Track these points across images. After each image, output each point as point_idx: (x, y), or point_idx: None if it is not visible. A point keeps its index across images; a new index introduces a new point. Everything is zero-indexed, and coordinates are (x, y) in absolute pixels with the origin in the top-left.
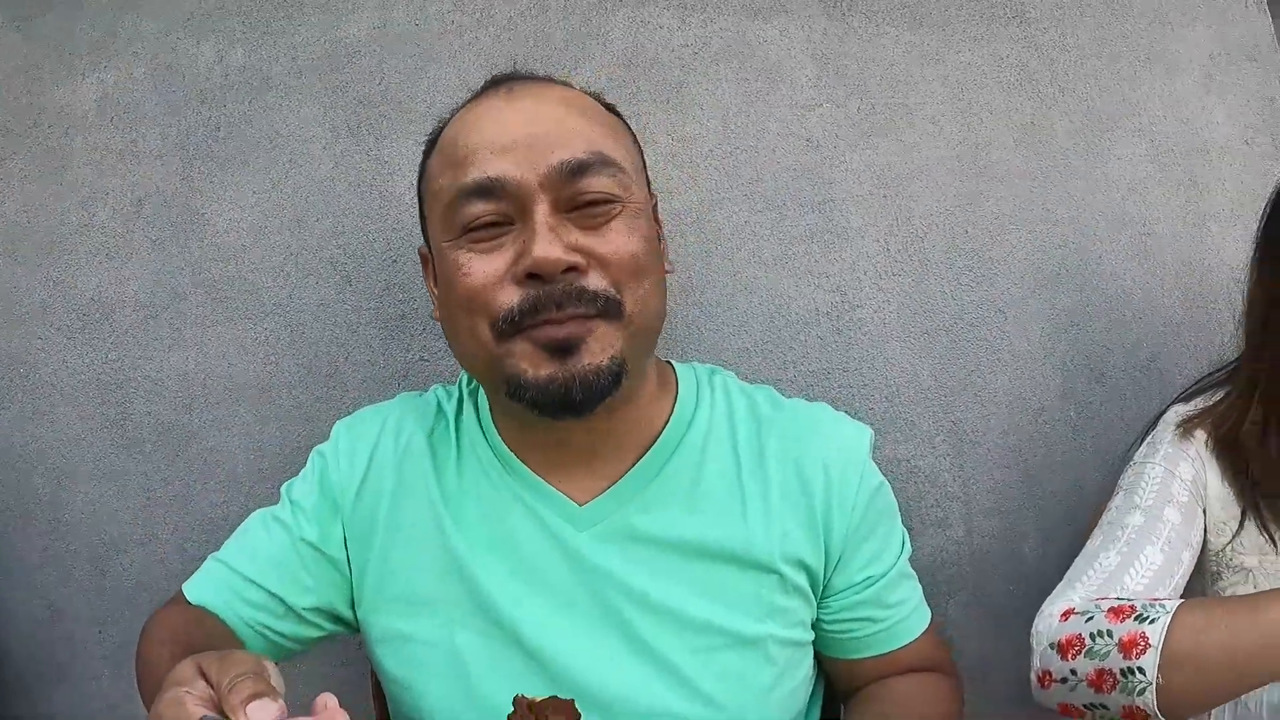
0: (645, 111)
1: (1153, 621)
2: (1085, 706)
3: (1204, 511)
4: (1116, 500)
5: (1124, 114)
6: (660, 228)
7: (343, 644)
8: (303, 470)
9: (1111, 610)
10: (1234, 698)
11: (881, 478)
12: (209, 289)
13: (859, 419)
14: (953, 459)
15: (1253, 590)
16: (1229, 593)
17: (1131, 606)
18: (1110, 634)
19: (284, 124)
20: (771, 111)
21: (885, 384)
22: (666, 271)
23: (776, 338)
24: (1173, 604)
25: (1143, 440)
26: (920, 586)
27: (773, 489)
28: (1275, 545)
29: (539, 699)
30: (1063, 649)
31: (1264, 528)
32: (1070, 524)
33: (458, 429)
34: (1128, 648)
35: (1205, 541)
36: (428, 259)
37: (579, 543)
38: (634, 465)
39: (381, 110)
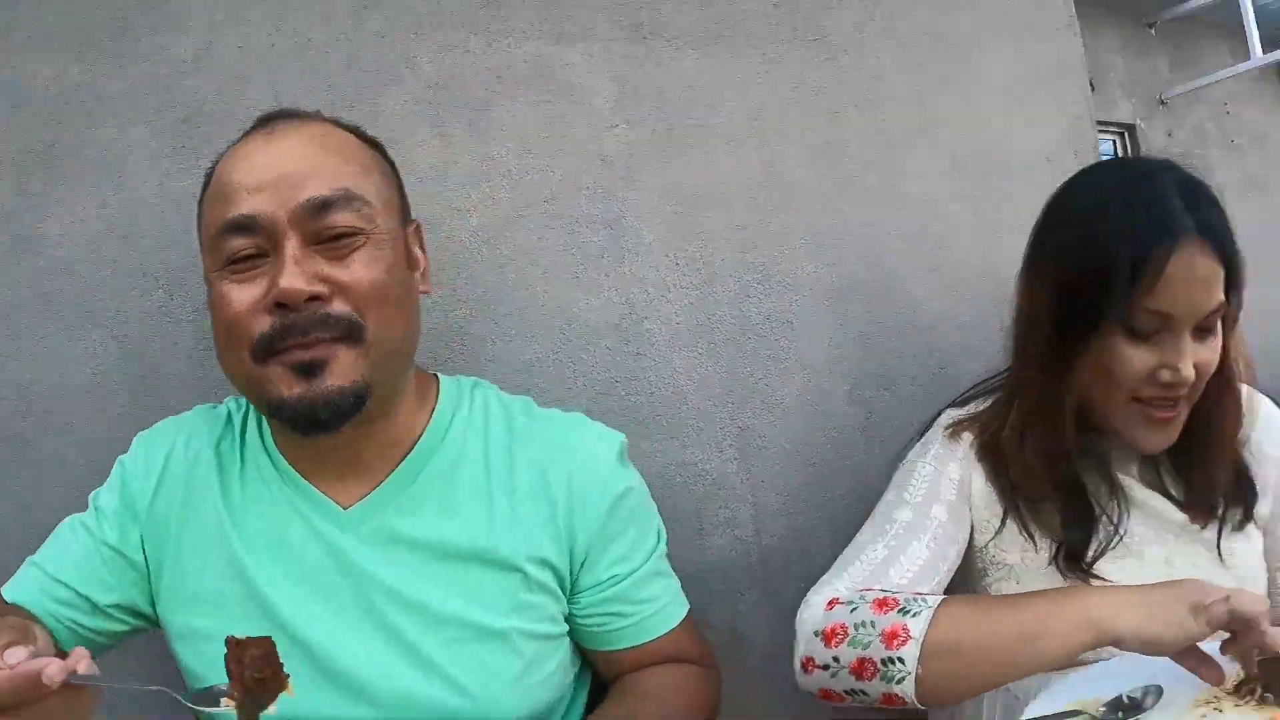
0: (450, 133)
1: (915, 615)
2: (846, 692)
3: (970, 510)
4: (888, 496)
5: (923, 132)
6: (423, 252)
7: None
8: (108, 478)
9: (876, 602)
10: (988, 690)
11: (630, 483)
12: (45, 301)
13: (646, 426)
14: (740, 463)
15: (1016, 586)
16: (995, 588)
17: (895, 599)
18: (873, 625)
19: (115, 142)
20: (570, 132)
21: (672, 392)
22: (423, 291)
23: (567, 349)
24: (935, 599)
25: (918, 440)
26: (676, 584)
27: (519, 494)
28: (1034, 543)
29: (243, 638)
30: (826, 637)
31: (1024, 527)
32: (859, 524)
33: (243, 440)
34: (889, 638)
35: (972, 539)
36: None
37: (344, 544)
38: (392, 472)
39: (204, 130)
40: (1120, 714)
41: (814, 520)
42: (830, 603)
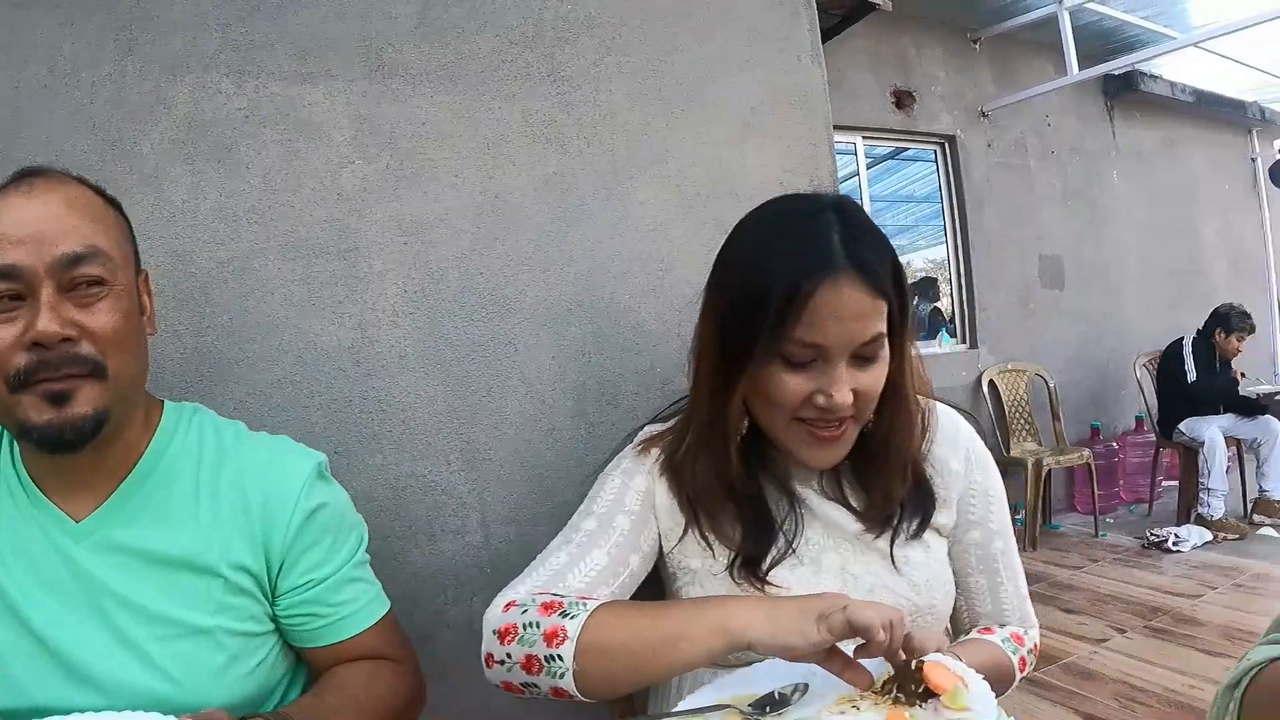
0: (200, 171)
1: (573, 618)
2: (522, 685)
3: (656, 519)
4: (581, 507)
5: (652, 162)
6: (150, 296)
7: None
8: None
9: (544, 605)
10: (641, 686)
11: (326, 499)
12: None
13: (379, 441)
14: (467, 474)
15: (700, 590)
16: (684, 592)
17: (560, 603)
18: (538, 625)
19: None
20: (308, 169)
21: (402, 409)
22: (149, 333)
23: (305, 371)
24: (594, 604)
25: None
26: (375, 589)
27: (222, 508)
28: (712, 551)
29: None
30: (502, 635)
31: (702, 536)
32: None
33: None
34: (550, 638)
35: (662, 547)
36: None
37: (76, 554)
38: (117, 488)
39: None
40: (767, 708)
41: (540, 526)
42: (508, 605)
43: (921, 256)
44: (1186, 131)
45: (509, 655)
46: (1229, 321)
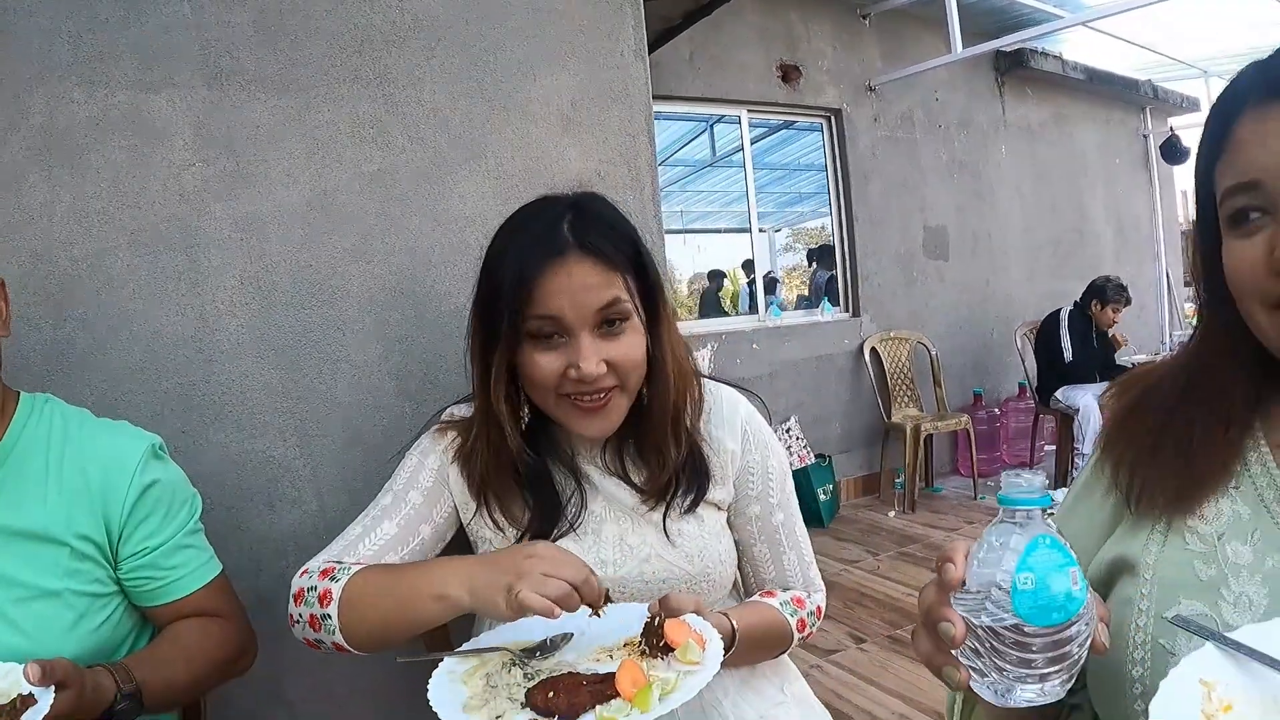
0: (55, 176)
1: (337, 581)
2: (314, 641)
3: (451, 495)
4: (385, 485)
5: (471, 157)
6: (6, 301)
7: None
8: None
9: (323, 571)
10: (402, 638)
11: (158, 476)
12: None
13: (220, 420)
14: (301, 449)
15: None
16: None
17: (334, 568)
18: (316, 589)
19: None
20: (153, 171)
21: (241, 391)
22: (3, 335)
23: (153, 359)
24: (357, 568)
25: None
26: (206, 554)
27: (67, 486)
28: (503, 532)
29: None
30: (295, 598)
31: (492, 519)
32: None
33: None
34: (323, 599)
35: (460, 519)
36: None
37: None
38: None
39: None
40: (536, 654)
41: (370, 494)
42: (303, 571)
43: (817, 226)
44: (1078, 108)
45: (299, 616)
46: (1105, 294)
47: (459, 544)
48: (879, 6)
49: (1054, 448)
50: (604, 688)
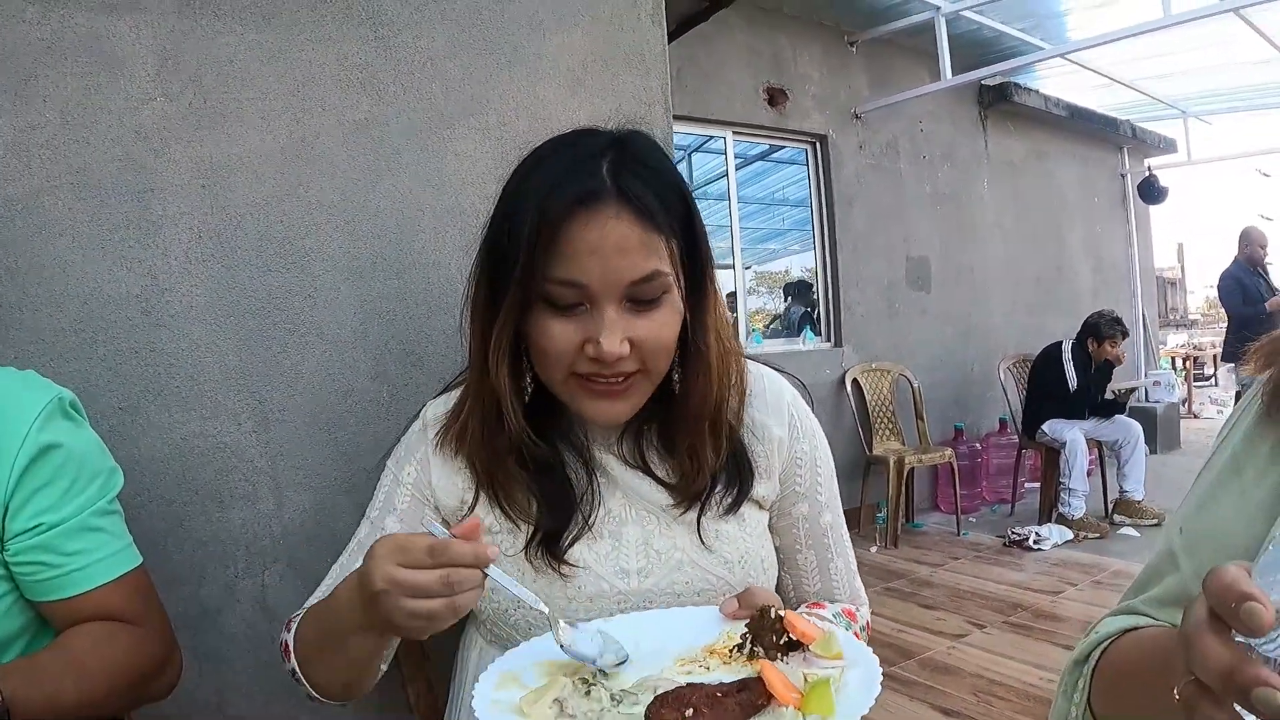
0: None
1: (290, 630)
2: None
3: (437, 508)
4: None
5: (470, 113)
6: None
7: None
8: None
9: (287, 622)
10: (370, 677)
11: (59, 439)
12: None
13: (165, 397)
14: (259, 435)
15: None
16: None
17: (295, 617)
18: (282, 641)
19: None
20: (108, 104)
21: (191, 363)
22: None
23: (90, 319)
24: (298, 614)
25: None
26: (120, 543)
27: None
28: (516, 525)
29: None
30: (283, 655)
31: (500, 508)
32: None
33: None
34: (285, 653)
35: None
36: None
37: None
38: None
39: None
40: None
41: (338, 495)
42: (288, 623)
43: (795, 262)
44: (1059, 145)
45: (291, 673)
46: (1099, 330)
47: None
48: (866, 34)
49: (1037, 484)
50: (751, 697)
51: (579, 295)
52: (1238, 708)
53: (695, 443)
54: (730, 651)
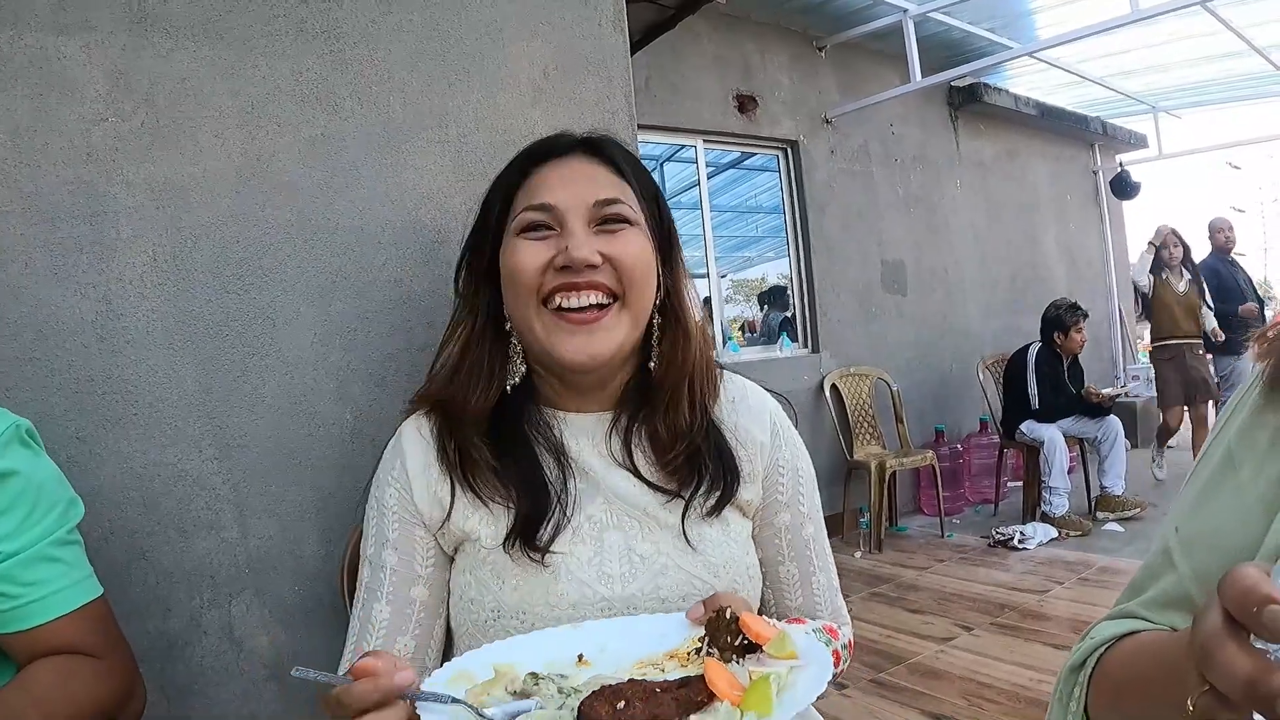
0: None
1: None
2: None
3: (422, 524)
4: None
5: (429, 126)
6: None
7: None
8: None
9: None
10: None
11: (18, 466)
12: None
13: (124, 425)
14: (221, 462)
15: (478, 569)
16: (466, 575)
17: None
18: None
19: None
20: (59, 126)
21: (149, 390)
22: None
23: (45, 346)
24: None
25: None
26: (79, 574)
27: None
28: (488, 508)
29: None
30: None
31: (472, 491)
32: (348, 523)
33: None
34: None
35: (439, 542)
36: None
37: None
38: None
39: None
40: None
41: (304, 520)
42: None
43: (771, 269)
44: (1030, 144)
45: None
46: (1061, 322)
47: None
48: (835, 39)
49: (1020, 483)
50: (690, 693)
51: (549, 218)
52: (1258, 717)
53: (673, 412)
54: (688, 655)
